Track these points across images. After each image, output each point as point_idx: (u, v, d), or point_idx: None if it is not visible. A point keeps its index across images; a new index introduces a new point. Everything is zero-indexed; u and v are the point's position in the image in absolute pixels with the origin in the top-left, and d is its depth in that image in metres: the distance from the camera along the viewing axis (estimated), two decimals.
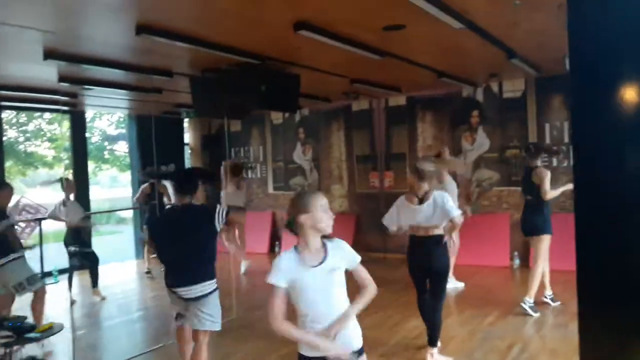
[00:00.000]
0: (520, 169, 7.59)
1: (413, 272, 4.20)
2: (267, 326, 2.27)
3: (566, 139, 7.27)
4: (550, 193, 5.20)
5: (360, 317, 2.39)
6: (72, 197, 6.63)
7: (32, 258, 7.78)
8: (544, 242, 5.29)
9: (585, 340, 2.00)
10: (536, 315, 5.17)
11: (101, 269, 7.12)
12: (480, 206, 7.87)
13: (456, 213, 3.94)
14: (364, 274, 2.36)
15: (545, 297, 5.54)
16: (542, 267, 5.32)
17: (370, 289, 2.33)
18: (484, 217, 7.73)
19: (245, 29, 4.32)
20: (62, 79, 5.65)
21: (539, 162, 5.41)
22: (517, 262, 7.49)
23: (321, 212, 2.23)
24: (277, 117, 9.91)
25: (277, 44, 4.88)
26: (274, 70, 5.69)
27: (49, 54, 4.52)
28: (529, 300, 5.25)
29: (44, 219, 7.01)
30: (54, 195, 6.58)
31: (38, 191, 18.00)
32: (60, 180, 6.67)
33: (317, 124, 9.50)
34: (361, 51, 4.90)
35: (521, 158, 7.57)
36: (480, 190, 7.92)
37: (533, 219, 5.33)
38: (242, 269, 7.99)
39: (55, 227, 10.09)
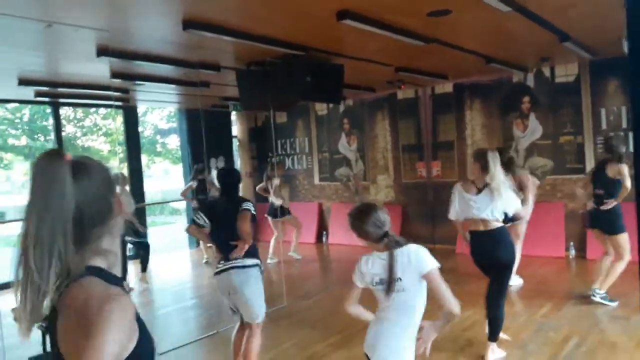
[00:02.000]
0: (575, 155, 7.33)
1: (478, 265, 4.10)
2: (317, 315, 2.35)
3: (624, 125, 6.92)
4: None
5: None
6: (127, 188, 6.91)
7: None
8: (626, 239, 5.03)
9: None
10: (614, 304, 4.99)
11: (156, 258, 7.39)
12: (534, 195, 7.61)
13: (516, 205, 3.87)
14: None
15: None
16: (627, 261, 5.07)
17: None
18: (537, 206, 7.42)
19: (288, 21, 4.33)
20: (114, 75, 5.83)
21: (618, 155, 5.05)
22: (572, 252, 7.23)
23: None
24: (321, 108, 9.91)
25: (320, 35, 4.87)
26: (318, 61, 5.68)
27: (102, 52, 4.69)
28: (600, 292, 5.07)
29: None
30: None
31: None
32: (115, 175, 6.95)
33: (361, 114, 9.45)
34: (405, 38, 4.81)
35: (576, 145, 7.30)
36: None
37: (609, 217, 5.04)
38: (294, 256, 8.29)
39: None
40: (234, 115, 10.90)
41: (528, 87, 7.64)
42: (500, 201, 3.82)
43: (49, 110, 14.17)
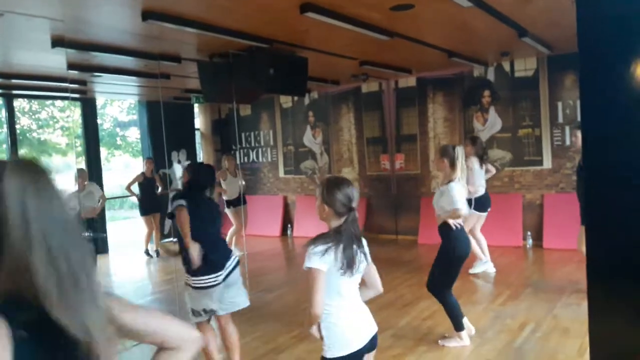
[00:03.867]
0: (533, 148, 7.55)
1: (460, 263, 4.13)
2: (280, 308, 2.32)
3: (579, 118, 7.15)
4: None
5: (375, 297, 2.48)
6: (87, 184, 6.74)
7: None
8: None
9: (595, 319, 2.00)
10: None
11: (117, 253, 7.20)
12: (493, 186, 7.82)
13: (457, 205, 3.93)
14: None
15: None
16: None
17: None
18: (496, 197, 7.66)
19: (251, 13, 4.29)
20: (70, 66, 5.65)
21: None
22: (530, 242, 7.46)
23: None
24: (286, 100, 9.88)
25: (284, 27, 4.85)
26: (282, 53, 5.66)
27: (57, 42, 4.54)
28: None
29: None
30: (68, 183, 6.68)
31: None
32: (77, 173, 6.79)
33: (326, 107, 9.46)
34: (369, 32, 4.84)
35: (534, 137, 7.51)
36: None
37: None
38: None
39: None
40: (196, 108, 10.74)
41: (488, 81, 7.81)
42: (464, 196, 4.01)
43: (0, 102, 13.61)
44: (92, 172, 8.65)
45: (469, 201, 4.90)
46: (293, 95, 8.94)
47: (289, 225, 9.84)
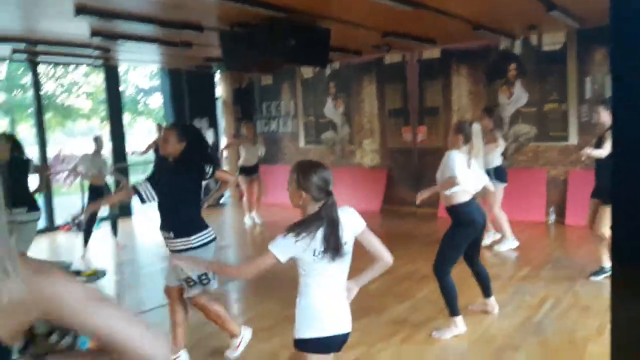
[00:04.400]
0: (559, 123, 7.38)
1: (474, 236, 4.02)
2: (294, 279, 2.35)
3: (608, 94, 6.97)
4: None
5: (390, 269, 2.43)
6: (102, 153, 6.84)
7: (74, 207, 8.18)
8: None
9: (618, 299, 1.98)
10: None
11: (141, 216, 7.30)
12: (517, 161, 7.71)
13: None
14: None
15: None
16: None
17: None
18: (520, 172, 7.58)
19: None
20: (94, 33, 5.69)
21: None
22: (552, 217, 7.38)
23: None
24: (307, 71, 9.79)
25: None
26: (303, 24, 5.58)
27: (80, 10, 4.54)
28: None
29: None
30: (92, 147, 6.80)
31: (76, 142, 18.59)
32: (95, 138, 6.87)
33: (348, 77, 9.36)
34: (392, 2, 4.73)
35: (560, 113, 7.35)
36: (517, 145, 7.74)
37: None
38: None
39: None
40: (218, 76, 10.73)
41: (515, 54, 7.61)
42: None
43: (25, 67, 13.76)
44: (116, 137, 8.77)
45: (487, 172, 4.77)
46: (314, 66, 8.84)
47: None
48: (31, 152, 7.19)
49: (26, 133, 15.80)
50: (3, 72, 16.82)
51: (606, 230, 4.67)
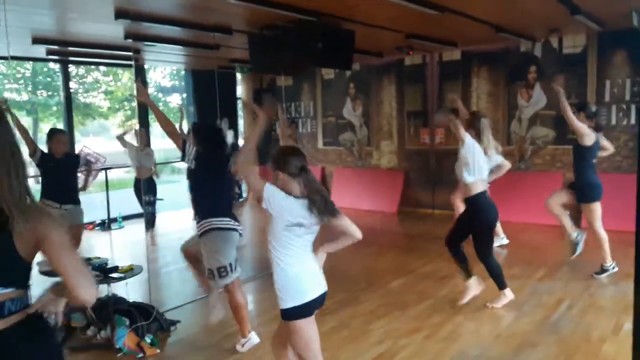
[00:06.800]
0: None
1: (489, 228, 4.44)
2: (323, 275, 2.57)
3: (627, 97, 7.04)
4: None
5: (411, 268, 2.62)
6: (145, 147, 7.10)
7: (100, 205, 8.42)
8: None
9: None
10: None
11: (165, 216, 7.51)
12: (533, 164, 7.81)
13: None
14: None
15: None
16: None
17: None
18: (536, 175, 7.68)
19: None
20: (127, 35, 5.90)
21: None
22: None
23: None
24: (328, 72, 9.94)
25: (334, 1, 4.93)
26: (330, 27, 5.73)
27: (120, 14, 4.75)
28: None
29: (114, 167, 7.50)
30: (109, 145, 7.06)
31: (91, 140, 18.93)
32: (135, 131, 7.12)
33: (368, 79, 9.50)
34: (420, 7, 4.87)
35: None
36: (534, 147, 7.83)
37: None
38: None
39: (118, 176, 10.64)
40: (239, 77, 10.93)
41: (535, 56, 7.70)
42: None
43: (52, 65, 14.08)
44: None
45: None
46: (339, 68, 8.98)
47: None
48: None
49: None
50: (28, 71, 17.18)
51: (599, 227, 5.13)
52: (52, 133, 4.96)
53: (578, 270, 5.39)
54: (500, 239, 6.39)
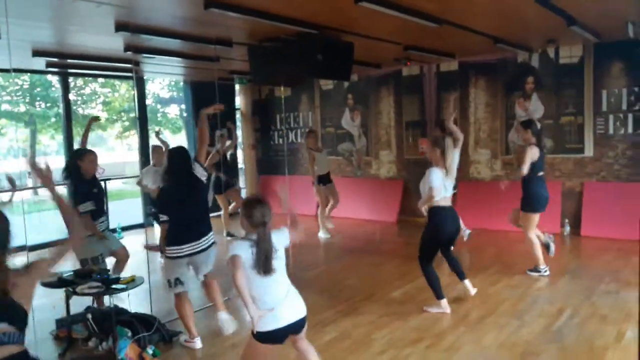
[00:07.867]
0: (575, 136, 7.51)
1: (446, 238, 4.74)
2: (323, 284, 2.58)
3: (624, 106, 7.10)
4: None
5: (411, 278, 2.69)
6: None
7: None
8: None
9: None
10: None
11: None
12: None
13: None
14: None
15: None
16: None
17: None
18: None
19: (307, 1, 4.43)
20: (127, 48, 5.94)
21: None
22: (567, 229, 7.49)
23: None
24: (326, 83, 9.99)
25: (336, 15, 4.97)
26: (329, 39, 5.78)
27: (120, 27, 4.78)
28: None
29: (113, 178, 7.43)
30: (107, 156, 7.00)
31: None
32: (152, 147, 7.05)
33: (366, 89, 9.55)
34: (419, 20, 4.93)
35: (576, 125, 7.47)
36: None
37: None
38: None
39: (117, 187, 10.57)
40: (237, 88, 10.98)
41: (532, 67, 7.77)
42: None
43: (50, 77, 14.10)
44: (143, 147, 9.01)
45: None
46: (338, 79, 9.04)
47: None
48: (57, 162, 7.36)
49: (47, 144, 16.08)
50: (26, 83, 17.22)
51: (532, 234, 5.52)
52: (83, 153, 4.76)
53: (578, 279, 5.41)
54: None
